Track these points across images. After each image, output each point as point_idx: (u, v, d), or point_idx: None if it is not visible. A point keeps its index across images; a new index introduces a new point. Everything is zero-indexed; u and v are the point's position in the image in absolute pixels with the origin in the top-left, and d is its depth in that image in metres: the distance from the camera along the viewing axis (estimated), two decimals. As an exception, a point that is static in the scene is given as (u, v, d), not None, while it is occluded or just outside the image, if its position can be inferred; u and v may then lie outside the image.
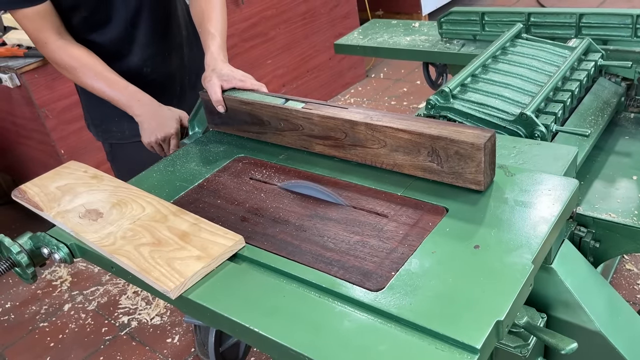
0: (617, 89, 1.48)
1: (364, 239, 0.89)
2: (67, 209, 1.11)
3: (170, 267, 0.89)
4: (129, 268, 0.92)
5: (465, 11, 1.80)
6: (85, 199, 1.13)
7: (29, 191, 1.20)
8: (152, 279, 0.88)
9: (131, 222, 1.02)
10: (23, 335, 2.27)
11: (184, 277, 0.86)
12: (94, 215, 1.07)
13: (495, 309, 0.71)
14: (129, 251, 0.95)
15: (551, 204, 0.88)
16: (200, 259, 0.90)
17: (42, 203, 1.15)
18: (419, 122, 0.99)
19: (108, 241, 0.98)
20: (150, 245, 0.95)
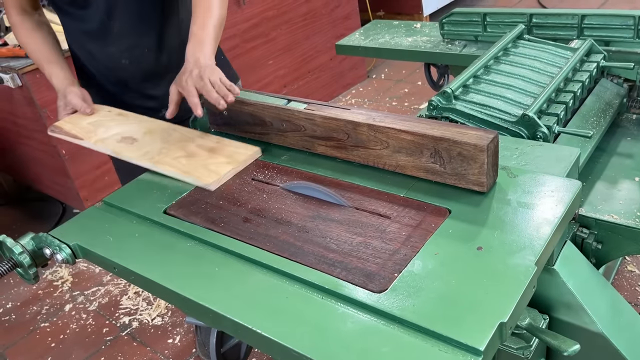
0: (619, 90, 1.48)
1: (366, 240, 0.89)
2: (104, 137, 1.28)
3: (206, 169, 1.10)
4: (171, 173, 1.12)
5: (467, 12, 1.80)
6: (118, 130, 1.31)
7: (64, 126, 1.35)
8: (194, 177, 1.08)
9: (163, 143, 1.22)
10: (24, 335, 2.27)
11: (220, 174, 1.08)
12: (129, 141, 1.25)
13: (499, 310, 0.71)
14: (168, 162, 1.15)
15: (554, 205, 0.88)
16: (230, 163, 1.12)
17: (81, 134, 1.31)
18: (422, 124, 0.99)
19: (147, 157, 1.18)
20: (185, 157, 1.16)
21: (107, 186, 2.63)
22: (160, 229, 1.02)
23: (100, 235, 1.03)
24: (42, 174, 2.80)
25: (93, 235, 1.03)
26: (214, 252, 0.93)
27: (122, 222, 1.06)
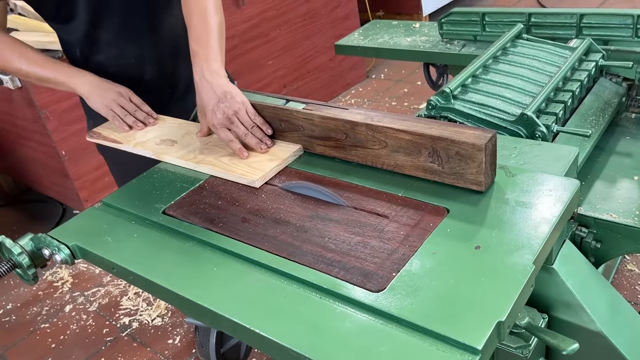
0: (618, 89, 1.48)
1: (365, 240, 0.89)
2: (143, 140, 1.30)
3: (249, 167, 1.11)
4: (214, 172, 1.14)
5: (466, 12, 1.80)
6: (156, 132, 1.33)
7: (103, 132, 1.38)
8: (238, 174, 1.10)
9: (204, 144, 1.23)
10: (24, 336, 2.28)
11: (264, 171, 1.09)
12: (169, 143, 1.27)
13: (497, 309, 0.71)
14: (211, 161, 1.16)
15: (552, 204, 0.88)
16: (273, 160, 1.12)
17: (120, 139, 1.33)
18: (420, 123, 0.99)
19: (189, 157, 1.19)
20: (227, 156, 1.17)
21: (107, 187, 2.63)
22: (159, 229, 1.02)
23: (99, 236, 1.03)
24: (42, 175, 2.80)
25: (92, 235, 1.03)
26: (213, 252, 0.93)
27: (120, 223, 1.06)
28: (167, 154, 1.22)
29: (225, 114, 1.14)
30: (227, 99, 1.14)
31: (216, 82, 1.15)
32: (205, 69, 1.16)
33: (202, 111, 1.20)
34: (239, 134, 1.15)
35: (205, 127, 1.24)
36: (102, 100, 1.34)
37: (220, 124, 1.15)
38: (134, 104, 1.37)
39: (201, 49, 1.19)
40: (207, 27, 1.21)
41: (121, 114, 1.35)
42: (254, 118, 1.17)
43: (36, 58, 1.34)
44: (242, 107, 1.15)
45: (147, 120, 1.37)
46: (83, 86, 1.34)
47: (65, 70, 1.35)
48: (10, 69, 1.36)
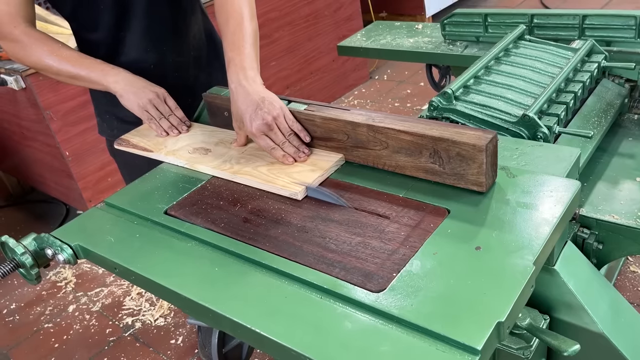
0: (621, 91, 1.48)
1: (365, 240, 0.89)
2: (175, 148, 1.25)
3: (290, 177, 1.06)
4: (252, 183, 1.08)
5: (469, 13, 1.80)
6: (188, 140, 1.27)
7: (132, 139, 1.33)
8: (279, 186, 1.04)
9: (240, 152, 1.18)
10: (28, 336, 2.29)
11: (306, 182, 1.03)
12: (202, 151, 1.21)
13: (496, 310, 0.71)
14: (248, 171, 1.11)
15: (553, 205, 0.88)
16: (314, 171, 1.07)
17: (150, 147, 1.28)
18: (421, 124, 0.99)
19: (225, 167, 1.14)
20: (265, 165, 1.12)
21: (110, 187, 2.64)
22: (161, 230, 1.02)
23: (102, 236, 1.03)
24: (45, 176, 2.81)
25: (94, 235, 1.04)
26: (214, 252, 0.94)
27: (123, 223, 1.06)
28: (201, 164, 1.16)
29: (265, 120, 1.09)
30: (265, 105, 1.10)
31: (253, 89, 1.11)
32: (241, 76, 1.13)
33: (238, 119, 1.14)
34: (276, 142, 1.11)
35: (243, 136, 1.19)
36: (137, 99, 1.28)
37: (260, 131, 1.10)
38: (168, 107, 1.32)
39: (237, 56, 1.16)
40: (243, 34, 1.19)
41: (156, 116, 1.30)
42: (291, 125, 1.12)
43: (67, 54, 1.28)
44: (280, 113, 1.11)
45: (181, 127, 1.31)
46: (117, 84, 1.28)
47: (98, 67, 1.29)
48: (39, 66, 1.30)
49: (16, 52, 1.29)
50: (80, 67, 1.28)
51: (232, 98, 1.14)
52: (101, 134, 1.60)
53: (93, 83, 1.29)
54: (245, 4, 1.23)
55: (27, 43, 1.27)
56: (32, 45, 1.27)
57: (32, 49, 1.27)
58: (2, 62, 2.37)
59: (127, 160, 1.51)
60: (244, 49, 1.17)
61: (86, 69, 1.28)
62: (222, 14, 1.23)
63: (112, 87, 1.29)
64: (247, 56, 1.16)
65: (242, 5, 1.23)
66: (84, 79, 1.29)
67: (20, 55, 1.29)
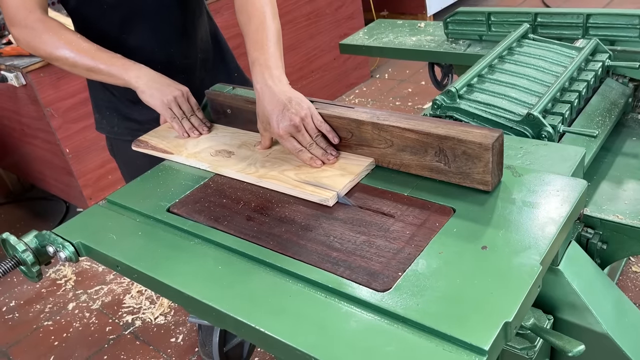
0: (625, 90, 1.48)
1: (370, 239, 0.88)
2: (196, 151, 1.20)
3: (319, 183, 1.02)
4: (280, 188, 1.04)
5: (472, 11, 1.79)
6: (209, 142, 1.23)
7: (151, 141, 1.27)
8: (308, 192, 0.99)
9: (264, 155, 1.14)
10: (27, 333, 2.28)
11: (337, 188, 0.99)
12: (225, 154, 1.16)
13: (504, 310, 0.70)
14: (275, 175, 1.06)
15: (559, 204, 0.88)
16: (344, 175, 1.02)
17: (170, 148, 1.23)
18: (426, 122, 0.98)
19: (250, 170, 1.09)
20: (292, 170, 1.07)
21: (110, 185, 2.63)
22: (164, 227, 1.01)
23: (104, 233, 1.03)
24: (46, 173, 2.80)
25: (96, 233, 1.03)
26: (217, 250, 0.93)
27: (125, 220, 1.06)
28: (224, 167, 1.12)
29: (292, 121, 1.05)
30: (292, 106, 1.06)
31: (279, 88, 1.08)
32: (267, 76, 1.09)
33: (264, 121, 1.10)
34: (303, 144, 1.07)
35: (268, 139, 1.15)
36: (162, 96, 1.24)
37: (287, 132, 1.06)
38: (190, 107, 1.29)
39: (261, 55, 1.12)
40: (266, 33, 1.16)
41: (179, 115, 1.26)
42: (319, 125, 1.08)
43: (86, 47, 1.23)
44: (308, 114, 1.07)
45: (202, 128, 1.28)
46: (139, 79, 1.23)
47: (118, 61, 1.24)
48: (53, 56, 1.23)
49: (29, 40, 1.23)
50: (100, 61, 1.23)
51: (257, 99, 1.10)
52: (100, 130, 1.57)
53: (112, 77, 1.24)
54: (267, 3, 1.20)
55: (41, 31, 1.21)
56: (47, 34, 1.21)
57: (47, 37, 1.22)
58: (2, 59, 2.36)
59: (128, 160, 1.50)
60: (267, 47, 1.13)
61: (106, 62, 1.23)
62: (243, 14, 1.21)
63: (133, 82, 1.24)
64: (272, 55, 1.13)
65: (264, 4, 1.20)
66: (102, 73, 1.24)
67: (35, 44, 1.23)
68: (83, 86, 2.43)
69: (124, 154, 1.52)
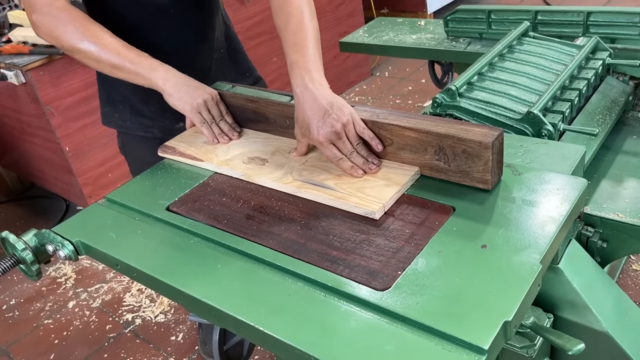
0: (625, 88, 1.47)
1: (370, 238, 0.88)
2: (227, 158, 1.14)
3: (363, 194, 0.96)
4: (320, 198, 0.98)
5: (472, 9, 1.79)
6: (241, 149, 1.17)
7: (178, 147, 1.22)
8: (352, 204, 0.94)
9: (301, 163, 1.08)
10: (27, 331, 2.28)
11: (382, 200, 0.93)
12: (258, 161, 1.11)
13: (503, 309, 0.70)
14: (314, 185, 1.01)
15: (559, 203, 0.87)
16: (389, 186, 0.97)
17: (199, 155, 1.17)
18: (426, 120, 0.98)
19: (287, 180, 1.03)
20: (332, 179, 1.01)
21: (110, 183, 2.63)
22: (163, 226, 1.01)
23: (103, 232, 1.02)
24: (45, 171, 2.80)
25: (96, 231, 1.03)
26: (217, 249, 0.93)
27: (124, 219, 1.06)
28: (259, 176, 1.06)
29: (334, 127, 1.00)
30: (334, 111, 1.01)
31: (320, 93, 1.03)
32: (307, 79, 1.04)
33: (303, 126, 1.05)
34: (343, 152, 1.02)
35: (305, 145, 1.09)
36: (192, 100, 1.19)
37: (327, 139, 1.01)
38: (220, 111, 1.24)
39: (300, 58, 1.08)
40: (305, 34, 1.12)
41: (209, 120, 1.21)
42: (361, 132, 1.03)
43: (111, 42, 1.17)
44: (350, 120, 1.02)
45: (232, 134, 1.22)
46: (167, 82, 1.18)
47: (145, 61, 1.18)
48: (74, 49, 1.17)
49: (51, 30, 1.16)
50: (126, 58, 1.17)
51: (296, 103, 1.05)
52: (108, 125, 1.52)
53: (137, 77, 1.19)
54: (305, 3, 1.17)
55: (65, 21, 1.15)
56: (72, 24, 1.15)
57: (71, 28, 1.15)
58: (2, 57, 2.36)
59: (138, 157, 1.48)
60: (307, 49, 1.10)
61: (132, 61, 1.17)
62: (281, 14, 1.17)
63: (159, 84, 1.18)
64: (311, 57, 1.09)
65: (302, 3, 1.17)
66: (127, 71, 1.18)
67: (57, 34, 1.16)
68: (83, 84, 2.43)
69: (135, 150, 1.50)
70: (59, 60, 2.32)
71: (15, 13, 2.59)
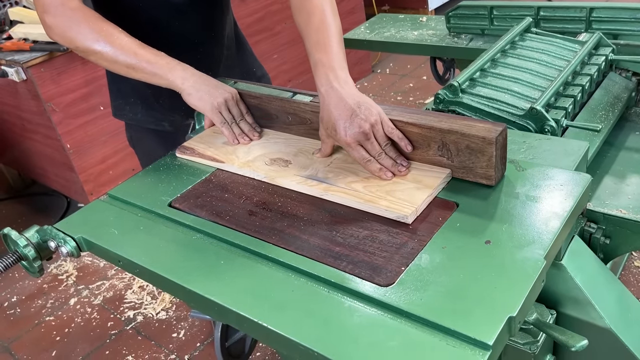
0: (628, 84, 1.47)
1: (373, 234, 0.88)
2: (249, 159, 1.11)
3: (393, 197, 0.92)
4: (348, 202, 0.94)
5: (474, 5, 1.78)
6: (262, 150, 1.13)
7: (197, 148, 1.19)
8: (383, 207, 0.90)
9: (326, 165, 1.04)
10: (29, 328, 2.28)
11: (415, 204, 0.89)
12: (281, 163, 1.07)
13: (508, 305, 0.70)
14: (341, 188, 0.97)
15: (563, 199, 0.87)
16: (420, 189, 0.93)
17: (219, 156, 1.14)
18: (429, 116, 0.98)
19: (313, 182, 1.00)
20: (359, 181, 0.98)
21: (111, 180, 2.63)
22: (165, 222, 1.01)
23: (105, 228, 1.02)
24: (46, 168, 2.80)
25: (98, 228, 1.03)
26: (219, 245, 0.93)
27: (126, 215, 1.05)
28: (283, 178, 1.03)
29: (362, 128, 0.97)
30: (362, 111, 0.97)
31: (346, 92, 0.99)
32: (332, 78, 1.01)
33: (329, 127, 1.01)
34: (372, 153, 0.98)
35: (330, 146, 1.06)
36: (212, 99, 1.16)
37: (355, 140, 0.97)
38: (240, 110, 1.20)
39: (324, 56, 1.05)
40: (328, 32, 1.09)
41: (229, 120, 1.18)
42: (390, 132, 0.99)
43: (127, 42, 1.14)
44: (378, 120, 0.98)
45: (252, 134, 1.19)
46: (185, 81, 1.15)
47: (162, 60, 1.15)
48: (88, 50, 1.14)
49: (65, 30, 1.13)
50: (143, 59, 1.14)
51: (322, 103, 1.02)
52: (120, 117, 1.50)
53: (155, 77, 1.16)
54: (327, 0, 1.14)
55: (79, 21, 1.12)
56: (86, 25, 1.12)
57: (85, 29, 1.12)
58: (2, 54, 2.36)
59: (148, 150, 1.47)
60: (330, 47, 1.06)
61: (149, 61, 1.14)
62: (302, 13, 1.15)
63: (178, 83, 1.15)
64: (335, 55, 1.05)
65: (323, 1, 1.13)
66: (145, 72, 1.15)
67: (71, 35, 1.13)
68: (84, 81, 2.42)
69: (144, 143, 1.49)
70: (60, 57, 2.31)
71: (16, 10, 2.58)
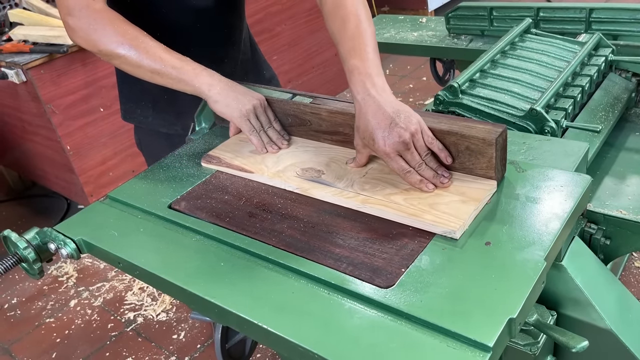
0: (628, 85, 1.47)
1: (373, 235, 0.88)
2: (279, 169, 1.07)
3: (438, 211, 0.87)
4: (389, 215, 0.90)
5: (473, 6, 1.78)
6: (292, 159, 1.09)
7: (223, 156, 1.14)
8: (428, 221, 0.85)
9: (361, 175, 0.99)
10: (29, 330, 2.28)
11: (462, 218, 0.84)
12: (313, 173, 1.02)
13: (508, 306, 0.70)
14: (380, 199, 0.92)
15: (563, 200, 0.87)
16: (466, 202, 0.88)
17: (247, 166, 1.10)
18: (429, 117, 0.98)
19: (349, 194, 0.95)
20: (399, 194, 0.93)
21: (111, 182, 2.63)
22: (165, 224, 1.01)
23: (105, 230, 1.02)
24: (46, 170, 2.80)
25: (98, 230, 1.03)
26: (219, 247, 0.93)
27: (126, 217, 1.05)
28: (317, 189, 0.99)
29: (402, 137, 0.92)
30: (401, 120, 0.92)
31: (384, 100, 0.95)
32: (369, 85, 0.97)
33: (366, 136, 0.96)
34: (411, 164, 0.93)
35: (365, 156, 1.01)
36: (240, 106, 1.12)
37: (394, 151, 0.93)
38: (268, 118, 1.16)
39: (361, 63, 1.01)
40: (363, 38, 1.05)
41: (258, 127, 1.14)
42: (430, 143, 0.95)
43: (152, 46, 1.10)
44: (418, 129, 0.93)
45: (280, 142, 1.15)
46: (212, 87, 1.11)
47: (188, 65, 1.11)
48: (112, 54, 1.11)
49: (89, 33, 1.10)
50: (169, 64, 1.10)
51: (358, 111, 0.97)
52: (128, 120, 1.48)
53: (180, 83, 1.12)
54: (361, 5, 1.10)
55: (103, 24, 1.09)
56: (110, 28, 1.09)
57: (109, 32, 1.09)
58: (2, 56, 2.36)
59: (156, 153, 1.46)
60: (366, 54, 1.02)
61: (175, 67, 1.10)
62: (336, 19, 1.10)
63: (204, 90, 1.11)
64: (372, 62, 1.01)
65: (358, 6, 1.09)
66: (170, 77, 1.11)
67: (94, 38, 1.10)
68: (84, 83, 2.43)
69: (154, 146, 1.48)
70: (60, 58, 2.31)
71: (16, 12, 2.59)
